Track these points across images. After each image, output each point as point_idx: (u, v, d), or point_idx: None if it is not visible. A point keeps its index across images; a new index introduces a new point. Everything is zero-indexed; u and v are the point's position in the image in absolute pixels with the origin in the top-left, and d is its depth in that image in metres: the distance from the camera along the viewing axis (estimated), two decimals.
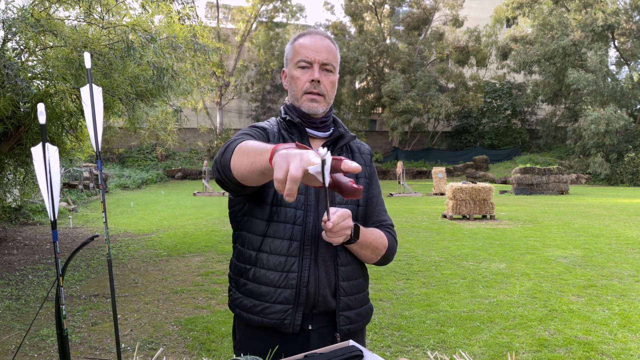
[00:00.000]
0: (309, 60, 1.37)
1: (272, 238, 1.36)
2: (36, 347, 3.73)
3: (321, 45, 1.37)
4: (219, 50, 19.87)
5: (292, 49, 1.40)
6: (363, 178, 1.48)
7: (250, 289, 1.38)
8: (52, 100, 6.36)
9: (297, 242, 1.34)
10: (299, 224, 1.35)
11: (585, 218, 11.42)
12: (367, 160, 1.53)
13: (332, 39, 1.43)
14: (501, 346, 3.68)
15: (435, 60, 33.59)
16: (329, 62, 1.38)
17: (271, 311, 1.34)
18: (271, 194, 1.36)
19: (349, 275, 1.41)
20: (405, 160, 30.67)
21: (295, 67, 1.39)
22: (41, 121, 2.42)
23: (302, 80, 1.38)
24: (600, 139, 25.71)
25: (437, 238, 8.60)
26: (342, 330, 1.40)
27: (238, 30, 31.31)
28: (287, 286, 1.34)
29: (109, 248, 2.75)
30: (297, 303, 1.34)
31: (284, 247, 1.34)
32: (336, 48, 1.42)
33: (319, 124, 1.43)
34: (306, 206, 1.36)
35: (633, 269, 6.19)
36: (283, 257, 1.34)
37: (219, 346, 3.73)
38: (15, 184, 8.96)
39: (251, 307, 1.37)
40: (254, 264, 1.38)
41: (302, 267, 1.34)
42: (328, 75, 1.39)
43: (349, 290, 1.41)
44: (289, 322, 1.33)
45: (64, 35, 5.17)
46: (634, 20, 28.30)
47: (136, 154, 27.87)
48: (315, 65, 1.37)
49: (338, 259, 1.39)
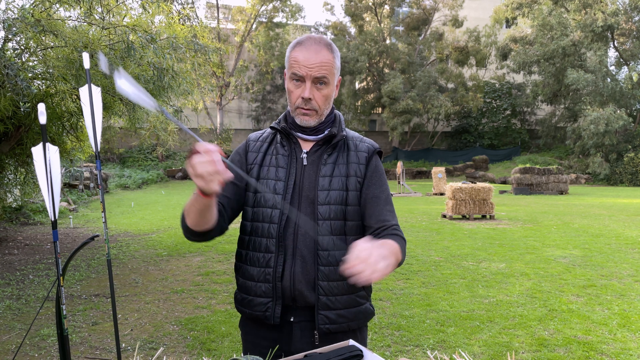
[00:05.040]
0: (300, 74, 1.36)
1: (254, 237, 1.46)
2: (37, 347, 3.74)
3: (315, 60, 1.34)
4: (219, 51, 19.88)
5: (288, 60, 1.40)
6: (354, 177, 1.45)
7: (241, 284, 1.50)
8: (53, 101, 6.37)
9: (274, 239, 1.42)
10: (275, 222, 1.42)
11: (584, 218, 11.43)
12: (361, 158, 1.48)
13: (330, 45, 1.39)
14: (501, 346, 3.69)
15: (435, 60, 33.60)
16: (322, 76, 1.36)
17: (255, 304, 1.45)
18: (251, 197, 1.46)
19: (330, 275, 1.41)
20: (405, 160, 30.66)
21: (290, 79, 1.40)
22: (42, 121, 2.43)
23: (295, 94, 1.40)
24: (599, 139, 25.71)
25: (437, 238, 8.60)
26: (321, 328, 1.42)
27: (238, 31, 31.30)
28: (265, 280, 1.43)
29: (108, 248, 2.76)
30: (275, 296, 1.42)
31: (262, 244, 1.44)
32: (334, 56, 1.39)
33: (309, 132, 1.46)
34: (282, 205, 1.42)
35: (632, 269, 6.20)
36: (262, 253, 1.44)
37: (219, 346, 3.74)
38: (15, 184, 8.97)
39: (241, 300, 1.50)
40: (244, 261, 1.49)
41: (277, 262, 1.41)
42: (321, 89, 1.38)
43: (329, 290, 1.41)
44: (270, 314, 1.42)
45: (64, 35, 5.18)
46: (633, 20, 28.31)
47: (136, 154, 27.87)
48: (307, 81, 1.36)
49: (319, 258, 1.41)
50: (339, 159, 1.46)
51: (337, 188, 1.43)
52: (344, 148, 1.48)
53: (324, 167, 1.44)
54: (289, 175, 1.43)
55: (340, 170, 1.45)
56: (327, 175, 1.43)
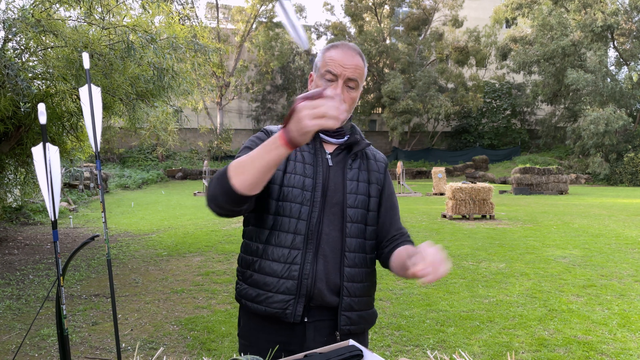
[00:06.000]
0: (335, 73, 1.39)
1: (278, 231, 1.41)
2: (37, 347, 3.74)
3: (350, 61, 1.40)
4: (219, 51, 19.89)
5: (322, 59, 1.43)
6: (375, 184, 1.51)
7: (255, 279, 1.44)
8: (53, 101, 6.37)
9: (301, 235, 1.40)
10: (304, 219, 1.40)
11: (584, 218, 11.43)
12: (380, 168, 1.56)
13: (362, 54, 1.46)
14: (501, 346, 3.69)
15: (435, 60, 33.61)
16: (354, 79, 1.41)
17: (274, 300, 1.40)
18: (276, 190, 1.43)
19: (355, 277, 1.45)
20: (405, 160, 30.66)
21: (322, 77, 1.42)
22: (42, 121, 2.43)
23: None
24: (599, 139, 25.71)
25: (437, 238, 8.60)
26: (343, 329, 1.43)
27: (238, 31, 31.32)
28: (290, 277, 1.39)
29: (108, 248, 2.76)
30: (299, 294, 1.39)
31: (288, 240, 1.40)
32: (365, 65, 1.45)
33: (332, 133, 1.49)
34: (312, 202, 1.41)
35: (632, 269, 6.20)
36: (287, 249, 1.40)
37: (219, 346, 3.74)
38: (15, 184, 8.97)
39: (255, 296, 1.43)
40: (261, 256, 1.44)
41: (305, 260, 1.40)
42: (350, 91, 1.42)
43: (353, 291, 1.44)
44: (291, 312, 1.39)
45: (64, 35, 5.18)
46: (633, 20, 28.31)
47: (137, 154, 27.87)
48: (340, 79, 1.40)
49: (345, 259, 1.43)
50: (362, 165, 1.52)
51: (362, 193, 1.48)
52: (364, 156, 1.55)
53: (350, 171, 1.48)
54: (316, 173, 1.45)
55: (364, 177, 1.50)
56: (354, 180, 1.48)
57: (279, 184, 1.43)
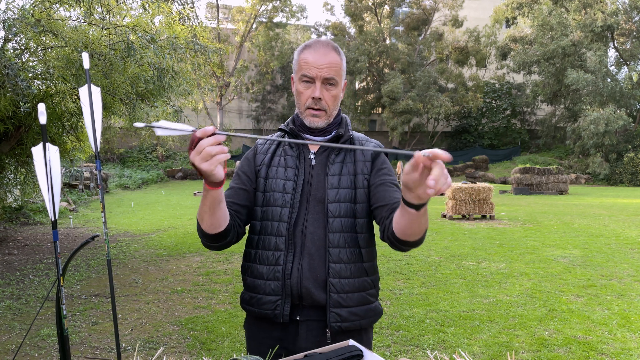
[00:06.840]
0: (311, 75, 1.40)
1: (264, 235, 1.47)
2: (37, 347, 3.74)
3: (324, 61, 1.40)
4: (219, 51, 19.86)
5: (297, 63, 1.44)
6: (361, 174, 1.48)
7: (248, 283, 1.51)
8: (53, 101, 6.37)
9: (283, 237, 1.43)
10: (284, 221, 1.43)
11: (584, 218, 11.43)
12: (367, 155, 1.50)
13: (338, 48, 1.45)
14: (501, 346, 3.69)
15: (435, 60, 33.60)
16: (332, 77, 1.41)
17: (263, 302, 1.45)
18: (260, 197, 1.48)
19: (342, 272, 1.43)
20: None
21: (299, 81, 1.43)
22: (42, 121, 2.43)
23: (305, 95, 1.44)
24: (599, 139, 25.71)
25: (437, 238, 8.61)
26: (333, 327, 1.43)
27: (238, 31, 31.32)
28: (274, 278, 1.44)
29: (108, 248, 2.76)
30: (285, 294, 1.43)
31: (272, 242, 1.45)
32: (341, 58, 1.44)
33: (317, 133, 1.50)
34: (292, 204, 1.44)
35: (632, 269, 6.20)
36: (271, 251, 1.45)
37: (219, 346, 3.74)
38: (15, 184, 8.97)
39: (249, 299, 1.50)
40: (252, 260, 1.50)
41: (287, 260, 1.43)
42: (330, 89, 1.43)
43: (341, 287, 1.43)
44: (279, 313, 1.43)
45: (64, 35, 5.18)
46: (633, 20, 28.31)
47: (137, 154, 27.88)
48: (317, 81, 1.40)
49: (329, 255, 1.43)
50: (347, 158, 1.50)
51: (345, 186, 1.46)
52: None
53: (332, 165, 1.47)
54: (298, 174, 1.46)
55: (349, 169, 1.48)
56: (336, 174, 1.47)
57: (262, 191, 1.48)
